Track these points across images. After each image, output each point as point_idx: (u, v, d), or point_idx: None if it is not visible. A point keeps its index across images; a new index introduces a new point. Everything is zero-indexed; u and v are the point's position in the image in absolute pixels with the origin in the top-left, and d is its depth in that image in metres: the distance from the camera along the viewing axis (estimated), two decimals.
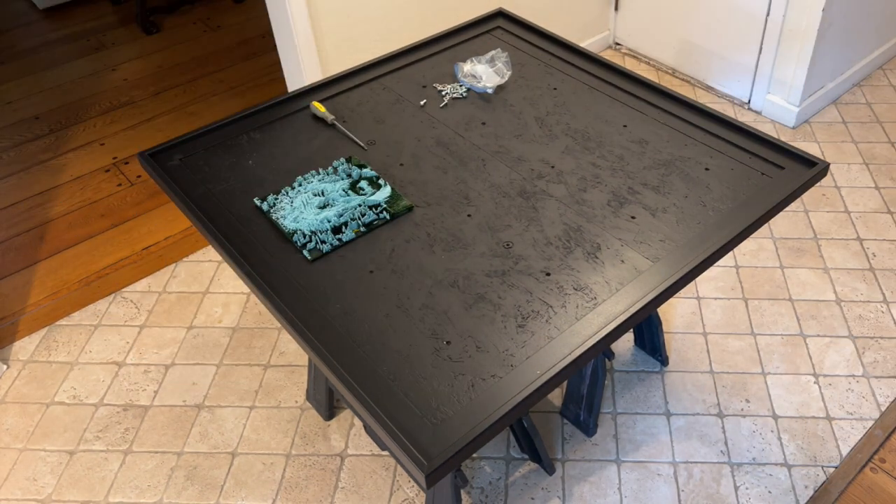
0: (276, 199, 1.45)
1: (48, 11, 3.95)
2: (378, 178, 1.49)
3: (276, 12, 2.27)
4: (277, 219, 1.40)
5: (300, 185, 1.48)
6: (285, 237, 1.38)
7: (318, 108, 1.65)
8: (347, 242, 1.37)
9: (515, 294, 1.25)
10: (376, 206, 1.43)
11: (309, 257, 1.33)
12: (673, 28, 3.10)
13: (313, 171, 1.51)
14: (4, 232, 2.59)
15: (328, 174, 1.50)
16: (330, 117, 1.63)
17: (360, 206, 1.42)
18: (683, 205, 1.40)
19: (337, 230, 1.38)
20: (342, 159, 1.53)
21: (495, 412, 1.08)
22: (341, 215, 1.40)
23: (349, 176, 1.50)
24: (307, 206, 1.42)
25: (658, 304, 1.25)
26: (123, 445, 1.93)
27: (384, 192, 1.45)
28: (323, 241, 1.36)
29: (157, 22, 3.76)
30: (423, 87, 1.76)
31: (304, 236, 1.36)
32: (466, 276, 1.28)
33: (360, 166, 1.52)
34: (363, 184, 1.48)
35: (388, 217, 1.41)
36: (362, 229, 1.38)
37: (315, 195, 1.45)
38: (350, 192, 1.46)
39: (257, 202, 1.44)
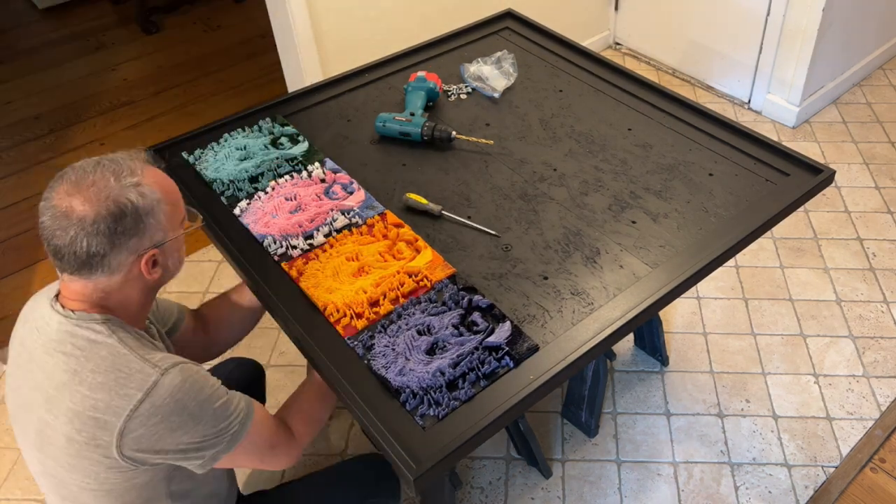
0: (202, 152, 1.55)
1: (48, 11, 3.94)
2: (298, 135, 1.59)
3: (276, 12, 2.27)
4: (201, 170, 1.51)
5: (226, 140, 1.58)
6: (209, 187, 1.49)
7: (417, 199, 1.42)
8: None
9: (512, 297, 1.25)
10: (292, 158, 1.54)
11: (226, 203, 1.44)
12: (673, 28, 3.10)
13: (239, 129, 1.61)
14: (4, 232, 2.59)
15: (253, 131, 1.61)
16: (437, 209, 1.41)
17: (276, 158, 1.53)
18: (685, 210, 1.40)
19: (254, 179, 1.49)
20: (267, 118, 1.64)
21: (487, 416, 1.07)
22: (258, 166, 1.51)
23: (271, 133, 1.61)
24: (229, 159, 1.53)
25: (656, 310, 1.25)
26: None
27: (301, 147, 1.56)
28: (240, 189, 1.47)
29: (157, 22, 3.76)
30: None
31: (223, 184, 1.48)
32: (464, 279, 1.28)
33: (283, 125, 1.62)
34: (283, 140, 1.58)
35: (302, 168, 1.52)
36: (278, 179, 1.50)
37: (238, 149, 1.55)
38: (270, 146, 1.56)
39: (185, 155, 1.55)
